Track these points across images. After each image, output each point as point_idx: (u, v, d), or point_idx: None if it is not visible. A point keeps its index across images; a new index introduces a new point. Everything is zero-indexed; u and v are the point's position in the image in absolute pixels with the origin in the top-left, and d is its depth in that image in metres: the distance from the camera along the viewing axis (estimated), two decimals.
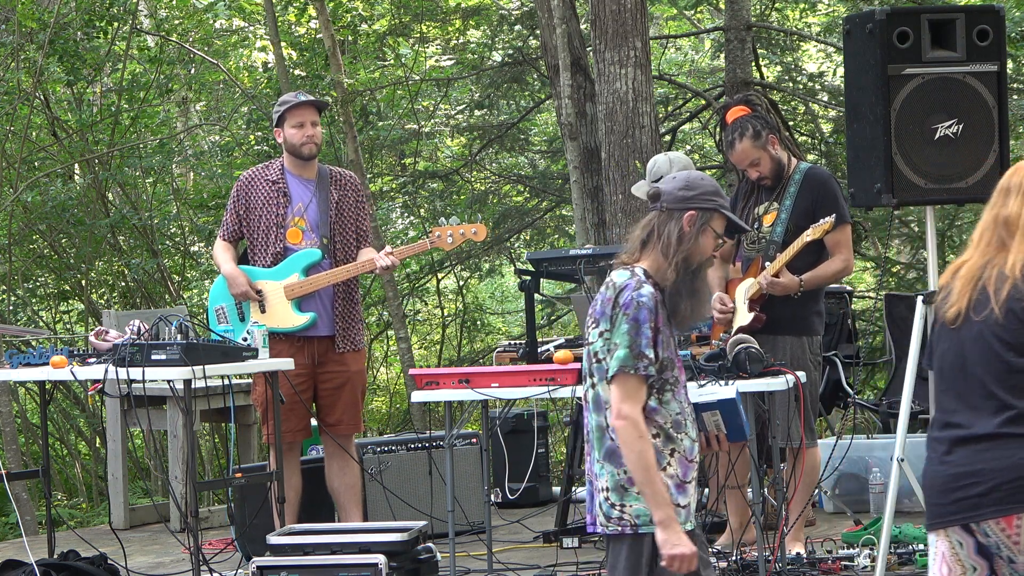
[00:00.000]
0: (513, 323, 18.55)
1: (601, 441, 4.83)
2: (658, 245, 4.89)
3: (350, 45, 15.19)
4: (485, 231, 8.12)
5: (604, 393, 4.81)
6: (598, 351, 4.82)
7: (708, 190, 4.93)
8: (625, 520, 4.79)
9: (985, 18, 7.09)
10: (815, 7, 15.46)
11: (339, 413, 8.03)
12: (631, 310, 4.76)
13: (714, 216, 4.92)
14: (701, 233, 4.90)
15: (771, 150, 7.70)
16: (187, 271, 15.40)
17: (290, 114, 7.97)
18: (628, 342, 4.74)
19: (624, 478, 4.77)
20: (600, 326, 4.82)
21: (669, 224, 4.89)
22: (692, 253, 4.89)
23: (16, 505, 11.46)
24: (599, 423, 4.84)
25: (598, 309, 4.85)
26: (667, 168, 8.22)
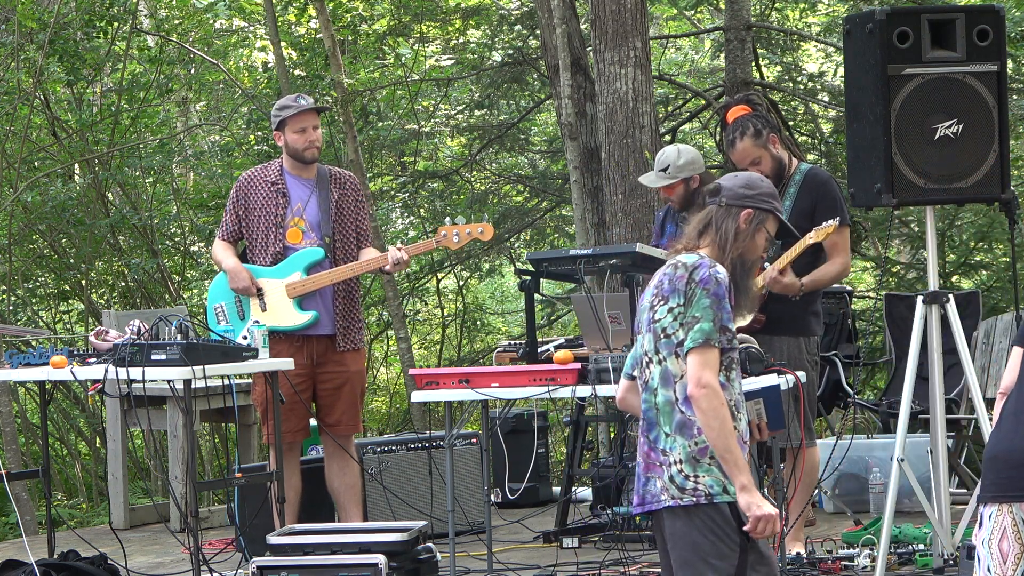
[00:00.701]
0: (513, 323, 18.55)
1: (671, 415, 4.92)
2: (715, 238, 5.05)
3: (350, 45, 15.19)
4: (492, 231, 8.12)
5: (673, 367, 4.91)
6: (667, 327, 4.92)
7: (766, 191, 5.11)
8: (700, 490, 4.88)
9: (985, 18, 7.09)
10: (815, 7, 15.46)
11: (339, 413, 8.03)
12: (711, 285, 4.89)
13: (769, 217, 5.09)
14: (756, 232, 5.07)
15: (772, 149, 7.70)
16: (187, 271, 15.40)
17: (292, 120, 7.98)
18: (711, 316, 4.87)
19: (695, 450, 4.87)
20: (670, 302, 4.93)
21: (727, 220, 5.05)
22: (747, 250, 5.06)
23: (16, 505, 11.46)
24: (668, 398, 4.93)
25: (666, 287, 4.96)
26: (675, 157, 8.27)
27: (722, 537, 4.88)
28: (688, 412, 4.88)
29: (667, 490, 4.92)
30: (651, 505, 4.97)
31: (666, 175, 8.35)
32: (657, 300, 4.99)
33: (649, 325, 4.99)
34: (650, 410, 4.98)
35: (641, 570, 7.72)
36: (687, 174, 8.36)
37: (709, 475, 4.88)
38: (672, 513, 4.95)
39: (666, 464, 4.92)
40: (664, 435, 4.93)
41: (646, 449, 4.98)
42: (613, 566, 7.70)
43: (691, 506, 4.90)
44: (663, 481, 4.92)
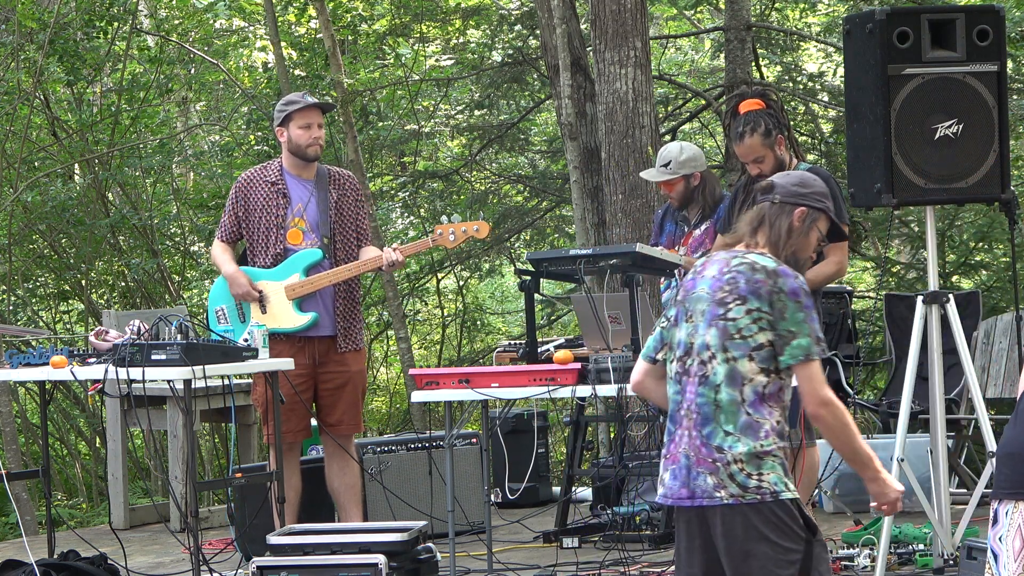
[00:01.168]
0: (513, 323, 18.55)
1: (735, 415, 4.89)
2: (769, 235, 5.03)
3: (350, 45, 15.19)
4: (488, 228, 8.11)
5: (744, 369, 4.88)
6: (743, 328, 4.89)
7: (820, 191, 5.09)
8: (764, 488, 4.87)
9: (985, 18, 7.09)
10: (815, 7, 15.47)
11: (339, 413, 8.03)
12: (802, 297, 4.89)
13: (821, 216, 5.07)
14: (809, 230, 5.05)
15: (777, 151, 7.68)
16: (187, 271, 15.40)
17: (298, 115, 7.97)
18: (808, 330, 4.87)
19: (761, 451, 4.87)
20: (749, 303, 4.89)
21: (780, 217, 5.04)
22: (800, 248, 5.05)
23: (16, 505, 11.46)
24: (733, 397, 4.89)
25: (743, 286, 4.91)
26: (677, 153, 8.30)
27: (788, 532, 4.89)
28: (756, 415, 4.88)
29: (724, 487, 4.88)
30: (702, 500, 4.92)
31: (667, 170, 8.36)
32: (731, 298, 4.92)
33: (715, 320, 4.93)
34: (707, 405, 4.93)
35: (641, 570, 7.72)
36: (688, 171, 8.37)
37: (773, 472, 4.88)
38: (731, 510, 4.90)
39: (722, 462, 4.89)
40: (723, 433, 4.89)
41: (697, 443, 4.93)
42: (613, 566, 7.70)
43: (755, 503, 4.88)
44: (717, 478, 4.89)
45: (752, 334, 4.88)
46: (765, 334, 4.87)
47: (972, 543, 6.92)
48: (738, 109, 7.79)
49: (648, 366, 5.16)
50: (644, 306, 7.76)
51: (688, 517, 5.01)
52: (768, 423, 4.89)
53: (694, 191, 8.45)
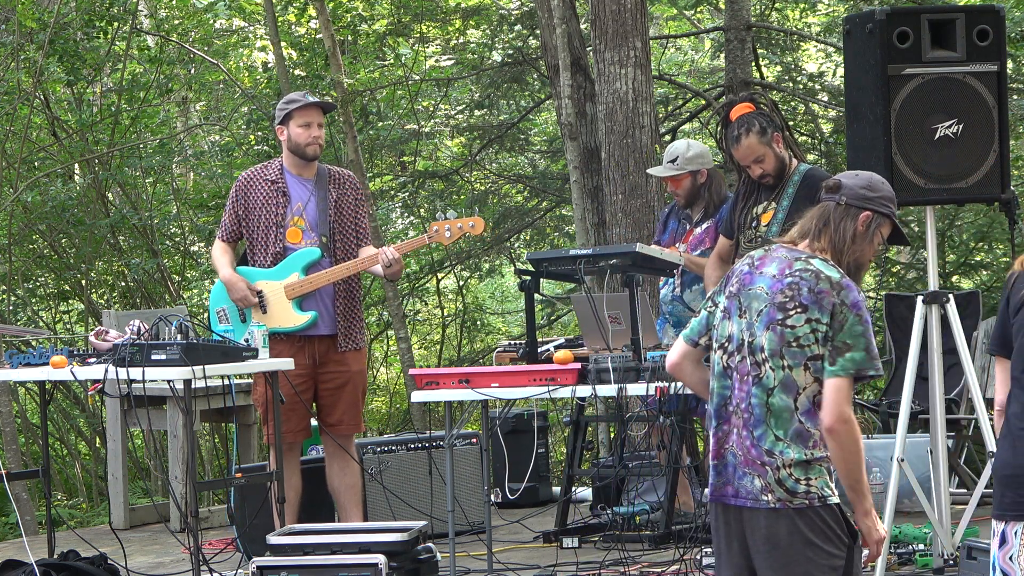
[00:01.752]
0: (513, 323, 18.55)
1: (788, 423, 4.83)
2: (833, 237, 4.92)
3: (350, 45, 15.19)
4: (483, 224, 8.11)
5: (800, 378, 4.82)
6: (801, 337, 4.82)
7: (888, 195, 5.00)
8: (812, 493, 4.84)
9: (985, 18, 7.08)
10: (815, 7, 15.47)
11: (340, 413, 8.03)
12: (863, 312, 4.82)
13: (885, 222, 4.98)
14: (873, 235, 4.95)
15: (775, 148, 7.68)
16: (187, 271, 15.41)
17: (298, 113, 7.97)
18: (864, 344, 4.80)
19: (809, 457, 4.84)
20: (810, 313, 4.82)
21: (845, 220, 4.93)
22: (861, 255, 4.95)
23: (16, 505, 11.46)
24: (787, 405, 4.84)
25: (805, 295, 4.84)
26: (684, 150, 8.36)
27: (832, 537, 4.87)
28: (808, 424, 4.83)
29: (771, 491, 4.85)
30: (746, 501, 4.89)
31: (674, 166, 8.38)
32: (792, 304, 4.85)
33: (773, 325, 4.86)
34: (759, 406, 4.87)
35: (641, 570, 7.72)
36: (695, 167, 8.39)
37: (820, 478, 4.86)
38: (776, 514, 4.86)
39: (771, 466, 4.85)
40: (774, 438, 4.86)
41: (747, 444, 4.89)
42: (613, 566, 7.70)
43: (802, 508, 4.85)
44: (765, 481, 4.85)
45: (809, 344, 4.82)
46: (821, 346, 4.81)
47: (972, 543, 6.92)
48: (729, 117, 7.79)
49: (688, 348, 5.08)
50: (644, 306, 7.76)
51: (728, 517, 4.97)
52: (818, 433, 4.86)
53: (700, 188, 8.46)
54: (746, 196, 7.84)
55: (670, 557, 7.76)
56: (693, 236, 8.49)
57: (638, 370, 7.25)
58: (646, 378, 7.22)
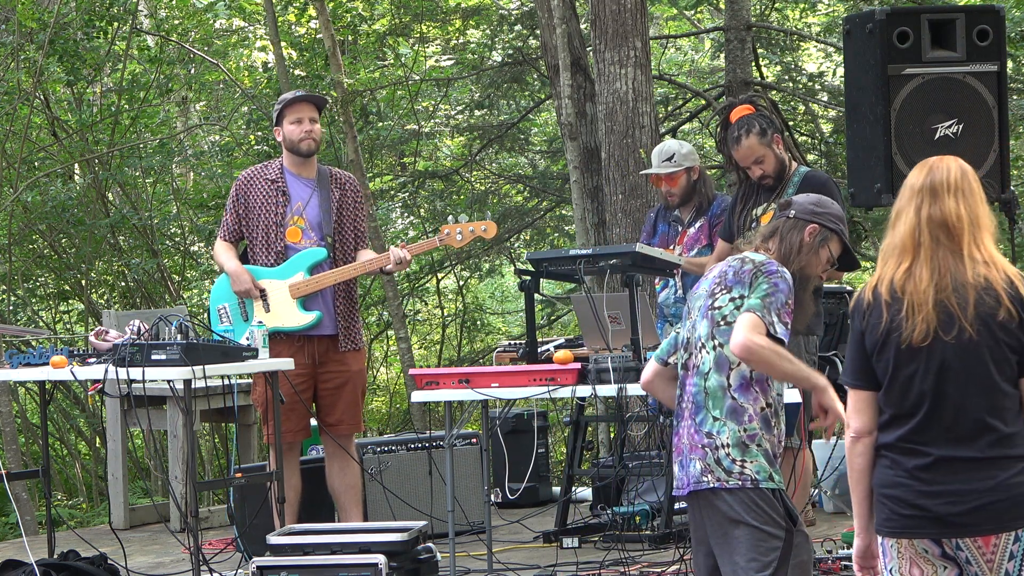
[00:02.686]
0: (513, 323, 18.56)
1: (721, 400, 5.11)
2: (780, 247, 5.26)
3: (350, 45, 15.19)
4: (495, 228, 8.13)
5: (730, 354, 5.09)
6: (727, 315, 5.12)
7: (836, 214, 5.34)
8: (746, 475, 5.07)
9: (985, 18, 7.09)
10: (815, 7, 15.47)
11: (339, 413, 8.02)
12: (776, 278, 5.11)
13: (833, 237, 5.32)
14: (819, 248, 5.29)
15: (775, 149, 7.68)
16: (187, 271, 15.41)
17: (288, 110, 7.97)
18: (762, 295, 5.07)
19: (744, 436, 5.07)
20: (733, 292, 5.13)
21: (793, 231, 5.28)
22: (808, 264, 5.27)
23: (16, 505, 11.46)
24: (720, 383, 5.12)
25: (731, 278, 5.15)
26: (679, 147, 8.40)
27: (767, 520, 5.06)
28: (740, 399, 5.08)
29: (711, 471, 5.08)
30: (692, 486, 5.12)
31: (672, 163, 8.39)
32: (719, 289, 5.16)
33: (707, 312, 5.16)
34: (699, 393, 5.15)
35: (641, 570, 7.72)
36: (691, 163, 8.41)
37: (756, 461, 5.07)
38: (715, 495, 5.10)
39: (711, 447, 5.09)
40: (712, 419, 5.10)
41: (692, 431, 5.14)
42: (613, 566, 7.70)
43: (737, 488, 5.07)
44: (704, 463, 5.09)
45: (735, 320, 5.07)
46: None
47: None
48: (729, 119, 7.80)
49: (659, 367, 5.36)
50: (644, 306, 7.76)
51: (691, 505, 5.22)
52: (751, 408, 5.08)
53: (695, 184, 8.47)
54: (745, 199, 7.84)
55: (670, 557, 7.76)
56: (688, 236, 8.49)
57: (638, 370, 7.24)
58: None
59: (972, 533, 4.24)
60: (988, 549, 4.24)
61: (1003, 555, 4.26)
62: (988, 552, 4.25)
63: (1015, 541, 4.25)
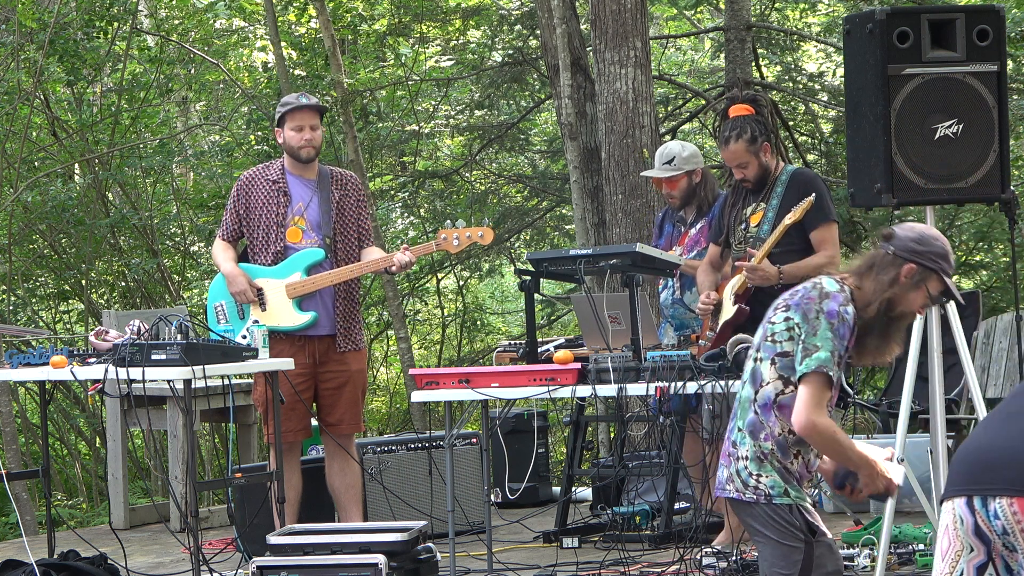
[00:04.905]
0: (513, 323, 18.55)
1: (746, 412, 5.09)
2: (872, 280, 5.09)
3: (350, 45, 15.19)
4: (492, 235, 8.13)
5: (765, 371, 5.04)
6: (776, 333, 5.04)
7: (938, 251, 5.14)
8: (760, 490, 5.05)
9: (985, 18, 7.08)
10: (815, 7, 15.47)
11: (340, 413, 8.03)
12: (835, 320, 4.98)
13: (932, 277, 5.11)
14: (915, 287, 5.09)
15: (761, 157, 7.73)
16: (187, 271, 15.40)
17: (290, 116, 7.98)
18: (831, 347, 4.95)
19: (759, 451, 5.04)
20: (791, 314, 5.03)
21: (889, 268, 5.09)
22: (898, 298, 5.08)
23: (16, 505, 11.46)
24: (749, 396, 5.09)
25: (795, 299, 5.06)
26: (680, 150, 8.35)
27: (785, 532, 5.06)
28: (762, 416, 5.04)
29: (732, 481, 5.10)
30: (718, 492, 5.17)
31: (671, 167, 8.38)
32: (782, 304, 5.09)
33: (765, 322, 5.12)
34: (736, 401, 5.18)
35: (641, 570, 7.72)
36: (692, 166, 8.39)
37: (770, 476, 5.05)
38: (736, 504, 5.14)
39: (734, 456, 5.10)
40: (737, 429, 5.11)
41: (728, 436, 5.18)
42: (613, 566, 7.70)
43: (752, 502, 5.07)
44: (728, 472, 5.11)
45: (781, 340, 5.01)
46: (792, 345, 4.99)
47: None
48: (728, 113, 7.82)
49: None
50: (644, 306, 7.77)
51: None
52: (769, 428, 5.03)
53: (696, 188, 8.47)
54: (734, 200, 7.88)
55: (670, 557, 7.76)
56: (688, 238, 8.49)
57: (638, 370, 7.25)
58: (646, 378, 7.22)
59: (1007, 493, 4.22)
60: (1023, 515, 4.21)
61: None
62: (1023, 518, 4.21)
63: None
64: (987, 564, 4.27)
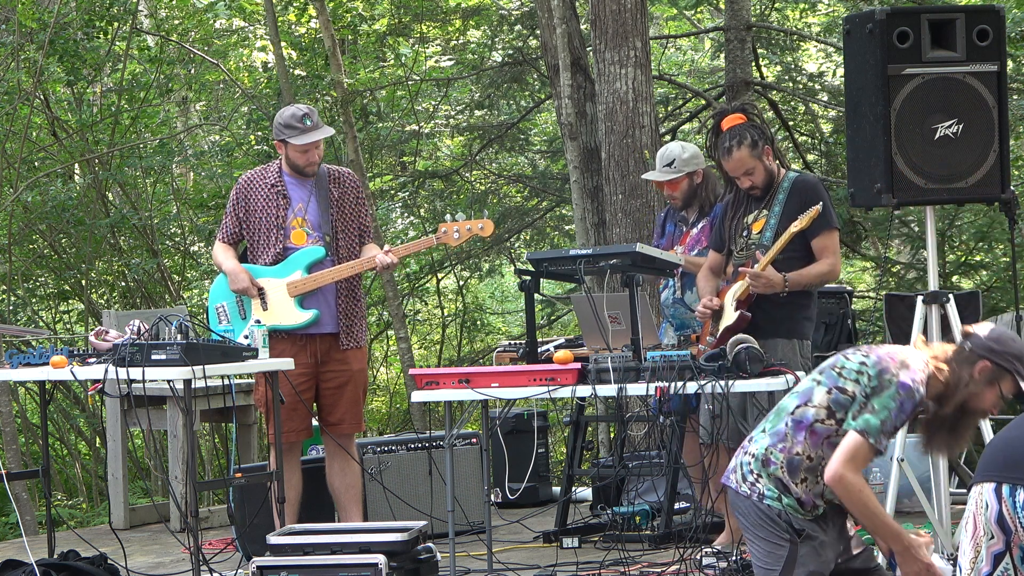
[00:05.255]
0: (513, 323, 18.55)
1: (778, 420, 5.21)
2: (949, 374, 5.15)
3: (350, 45, 15.19)
4: (492, 226, 8.11)
5: (817, 394, 5.14)
6: (846, 369, 5.13)
7: (1014, 352, 5.18)
8: (756, 488, 5.19)
9: (985, 18, 7.09)
10: (815, 7, 15.47)
11: (341, 412, 8.03)
12: (904, 393, 5.05)
13: (1007, 377, 5.16)
14: (988, 386, 5.15)
15: (765, 161, 7.70)
16: (187, 271, 15.41)
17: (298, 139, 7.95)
18: (886, 416, 5.03)
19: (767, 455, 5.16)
20: (868, 361, 5.12)
21: (964, 365, 5.16)
22: (971, 398, 5.15)
23: (16, 505, 11.46)
24: (787, 406, 5.21)
25: (879, 352, 5.13)
26: (680, 152, 8.32)
27: (771, 531, 5.18)
28: (790, 430, 5.15)
29: (735, 471, 5.24)
30: (723, 478, 5.32)
31: (671, 169, 8.37)
32: (865, 349, 5.17)
33: (841, 354, 5.21)
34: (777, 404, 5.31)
35: (641, 570, 7.72)
36: (692, 168, 8.38)
37: (767, 482, 5.17)
38: (732, 495, 5.28)
39: (745, 450, 5.23)
40: (763, 429, 5.22)
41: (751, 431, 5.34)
42: (613, 566, 7.70)
43: (745, 496, 5.21)
44: (736, 462, 5.25)
45: (847, 377, 5.11)
46: (855, 387, 5.08)
47: None
48: (721, 126, 7.79)
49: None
50: (644, 306, 7.76)
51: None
52: (790, 444, 5.13)
53: (697, 188, 8.45)
54: (735, 208, 7.84)
55: (670, 557, 7.76)
56: (690, 237, 8.48)
57: (638, 370, 7.24)
58: (646, 378, 7.22)
59: None
60: None
61: None
62: None
63: None
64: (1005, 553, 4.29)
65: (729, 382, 6.97)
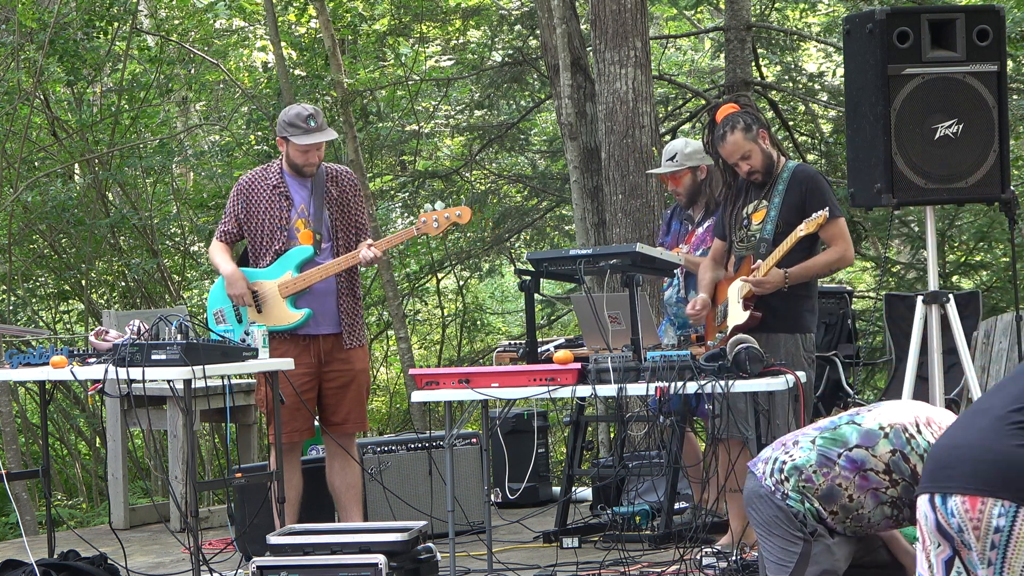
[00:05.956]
0: (513, 323, 18.55)
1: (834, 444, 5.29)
2: None
3: (350, 45, 15.19)
4: (470, 213, 8.10)
5: (881, 445, 5.27)
6: (914, 444, 5.26)
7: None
8: (780, 489, 5.29)
9: (985, 18, 7.08)
10: (815, 7, 15.47)
11: (345, 411, 8.03)
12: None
13: None
14: None
15: (761, 144, 7.65)
16: (187, 271, 15.41)
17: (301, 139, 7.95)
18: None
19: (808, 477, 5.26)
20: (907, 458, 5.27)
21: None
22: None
23: (16, 505, 11.46)
24: (847, 438, 5.31)
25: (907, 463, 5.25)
26: (682, 147, 8.42)
27: (786, 529, 5.27)
28: (843, 463, 5.24)
29: (767, 463, 5.32)
30: (750, 464, 5.41)
31: (673, 163, 8.39)
32: (936, 424, 5.28)
33: (909, 418, 5.31)
34: (840, 419, 5.40)
35: (641, 570, 7.72)
36: (694, 163, 8.39)
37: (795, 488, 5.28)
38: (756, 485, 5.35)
39: (786, 451, 5.30)
40: (811, 440, 5.31)
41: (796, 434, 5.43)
42: (613, 566, 7.70)
43: (768, 492, 5.28)
44: (771, 454, 5.33)
45: (913, 449, 5.24)
46: (919, 463, 5.22)
47: None
48: (716, 119, 7.78)
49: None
50: (644, 306, 7.76)
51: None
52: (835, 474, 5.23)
53: (701, 184, 8.46)
54: (735, 198, 7.82)
55: (670, 557, 7.76)
56: (695, 236, 8.48)
57: (638, 370, 7.24)
58: (646, 378, 7.22)
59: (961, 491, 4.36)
60: (974, 513, 4.27)
61: None
62: (974, 516, 4.26)
63: None
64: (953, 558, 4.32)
65: (729, 382, 6.97)
